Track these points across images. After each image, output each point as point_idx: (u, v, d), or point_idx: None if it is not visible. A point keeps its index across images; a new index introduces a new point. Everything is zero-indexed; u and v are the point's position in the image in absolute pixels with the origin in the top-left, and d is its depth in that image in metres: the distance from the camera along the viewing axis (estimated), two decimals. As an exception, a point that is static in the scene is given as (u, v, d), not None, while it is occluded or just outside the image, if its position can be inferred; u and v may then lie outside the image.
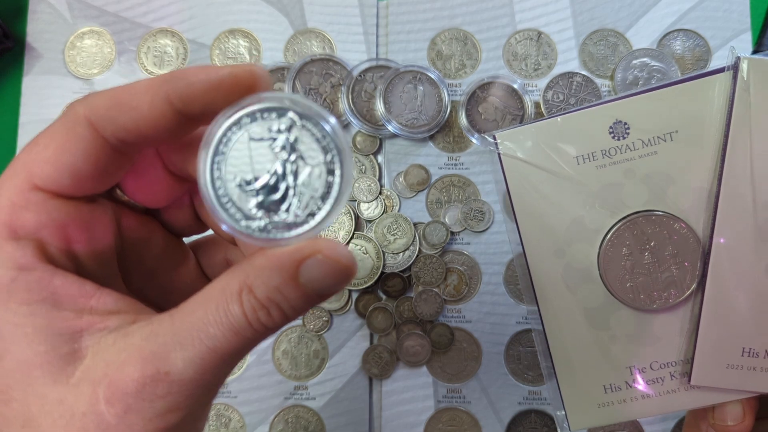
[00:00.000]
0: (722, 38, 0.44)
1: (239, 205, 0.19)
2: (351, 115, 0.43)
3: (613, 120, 0.28)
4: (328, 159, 0.19)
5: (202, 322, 0.19)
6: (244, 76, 0.19)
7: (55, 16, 0.47)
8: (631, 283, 0.28)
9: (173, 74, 0.20)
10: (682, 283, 0.28)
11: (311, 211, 0.19)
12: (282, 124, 0.19)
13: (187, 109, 0.20)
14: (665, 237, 0.28)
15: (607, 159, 0.28)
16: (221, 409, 0.43)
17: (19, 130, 0.45)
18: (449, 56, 0.45)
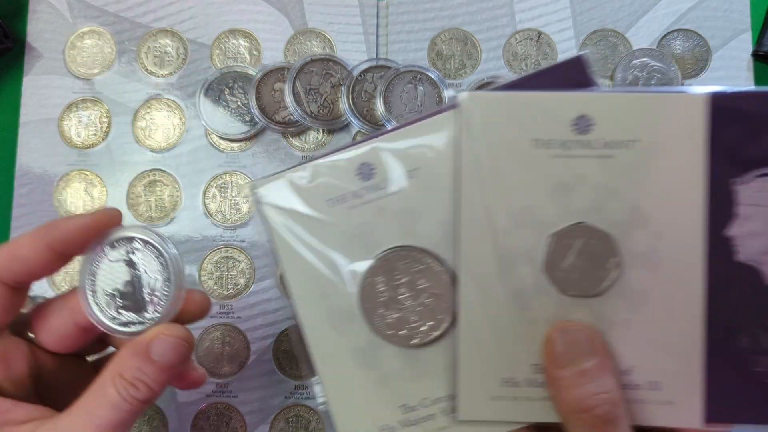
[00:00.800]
0: (722, 38, 0.44)
1: (107, 310, 0.28)
2: (351, 115, 0.44)
3: (360, 162, 0.29)
4: (165, 274, 0.28)
5: (89, 408, 0.26)
6: (103, 219, 0.28)
7: (55, 16, 0.47)
8: (390, 319, 0.29)
9: (48, 226, 0.28)
10: (438, 316, 0.28)
11: (156, 310, 0.28)
12: (130, 248, 0.28)
13: (64, 251, 0.28)
14: (416, 271, 0.29)
15: (357, 200, 0.29)
16: (221, 408, 0.43)
17: (19, 130, 0.46)
18: (449, 56, 0.45)
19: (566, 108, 0.28)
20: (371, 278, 0.29)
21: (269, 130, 0.45)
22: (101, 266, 0.28)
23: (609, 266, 0.28)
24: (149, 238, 0.28)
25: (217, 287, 0.44)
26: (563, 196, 0.28)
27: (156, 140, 0.45)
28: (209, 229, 0.44)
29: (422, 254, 0.29)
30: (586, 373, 0.26)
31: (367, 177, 0.29)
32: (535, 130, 0.28)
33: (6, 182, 0.45)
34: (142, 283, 0.28)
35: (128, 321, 0.28)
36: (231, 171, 0.45)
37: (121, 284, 0.28)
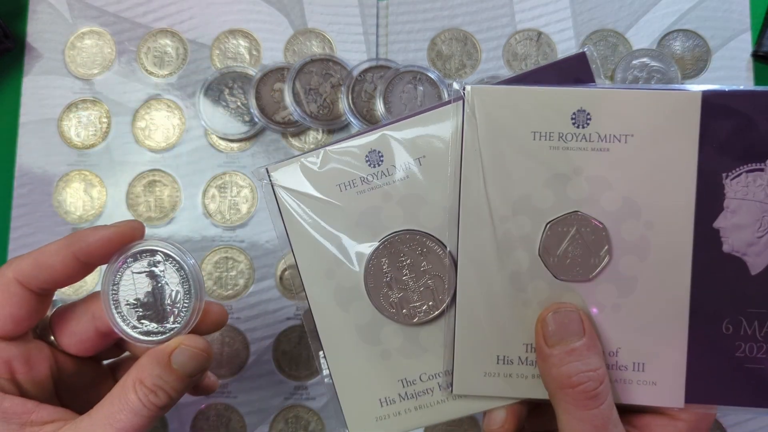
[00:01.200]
0: (722, 38, 0.44)
1: (129, 319, 0.29)
2: (351, 115, 0.43)
3: (369, 150, 0.31)
4: (185, 286, 0.29)
5: (110, 412, 0.27)
6: (127, 232, 0.29)
7: (55, 16, 0.47)
8: (393, 298, 0.30)
9: (74, 237, 0.29)
10: (438, 297, 0.30)
11: (176, 320, 0.29)
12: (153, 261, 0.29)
13: (88, 260, 0.29)
14: (419, 253, 0.30)
15: (365, 185, 0.31)
16: (221, 409, 0.43)
17: (19, 130, 0.46)
18: (449, 56, 0.45)
19: (565, 102, 0.29)
20: (376, 259, 0.30)
21: (269, 130, 0.45)
22: (124, 277, 0.29)
23: (601, 254, 0.29)
24: (170, 252, 0.29)
25: (217, 287, 0.44)
26: (560, 186, 0.29)
27: (155, 140, 0.45)
28: (209, 229, 0.44)
29: (425, 238, 0.30)
30: (574, 352, 0.27)
31: (375, 164, 0.31)
32: (535, 123, 0.29)
33: (6, 182, 0.45)
34: (164, 294, 0.29)
35: (149, 330, 0.29)
36: (231, 171, 0.45)
37: (143, 295, 0.29)
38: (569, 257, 0.29)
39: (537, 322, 0.29)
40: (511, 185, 0.29)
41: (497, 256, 0.30)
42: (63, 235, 0.45)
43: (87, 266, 0.29)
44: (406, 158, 0.31)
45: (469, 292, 0.30)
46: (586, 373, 0.27)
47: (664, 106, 0.29)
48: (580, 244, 0.29)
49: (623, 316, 0.29)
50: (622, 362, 0.29)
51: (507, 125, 0.29)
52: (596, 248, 0.29)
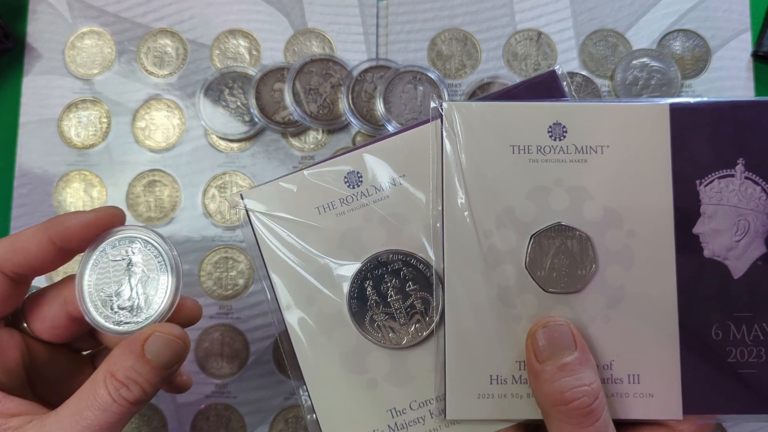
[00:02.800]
0: (722, 38, 0.44)
1: (102, 308, 0.28)
2: (351, 115, 0.43)
3: (348, 170, 0.30)
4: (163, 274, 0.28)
5: (77, 408, 0.25)
6: (106, 217, 0.28)
7: (55, 16, 0.47)
8: (379, 322, 0.30)
9: (52, 221, 0.28)
10: (426, 318, 0.30)
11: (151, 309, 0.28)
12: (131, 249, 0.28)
13: (65, 246, 0.28)
14: (404, 274, 0.30)
15: (345, 206, 0.30)
16: (221, 409, 0.43)
17: (19, 130, 0.46)
18: (449, 56, 0.45)
19: (542, 116, 0.30)
20: (359, 282, 0.30)
21: (269, 130, 0.45)
22: (100, 264, 0.28)
23: (587, 264, 0.29)
24: (150, 239, 0.29)
25: (217, 288, 0.44)
26: (542, 198, 0.30)
27: (155, 140, 0.45)
28: (208, 229, 0.44)
29: (409, 257, 0.30)
30: (566, 367, 0.26)
31: (354, 184, 0.30)
32: (513, 137, 0.30)
33: (6, 182, 0.45)
34: (140, 283, 0.28)
35: (123, 320, 0.28)
36: (230, 171, 0.45)
37: (119, 283, 0.28)
38: (556, 269, 0.29)
39: (527, 338, 0.28)
40: (494, 199, 0.30)
41: (484, 271, 0.29)
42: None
43: (64, 252, 0.28)
44: (385, 177, 0.30)
45: (457, 310, 0.29)
46: (580, 388, 0.26)
47: (636, 118, 0.30)
48: (566, 255, 0.29)
49: (614, 327, 0.29)
50: (617, 375, 0.29)
51: (486, 140, 0.30)
52: (582, 259, 0.29)
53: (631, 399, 0.29)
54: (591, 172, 0.30)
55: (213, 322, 0.43)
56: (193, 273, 0.44)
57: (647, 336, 0.29)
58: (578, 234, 0.29)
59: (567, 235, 0.29)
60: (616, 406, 0.29)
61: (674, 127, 0.30)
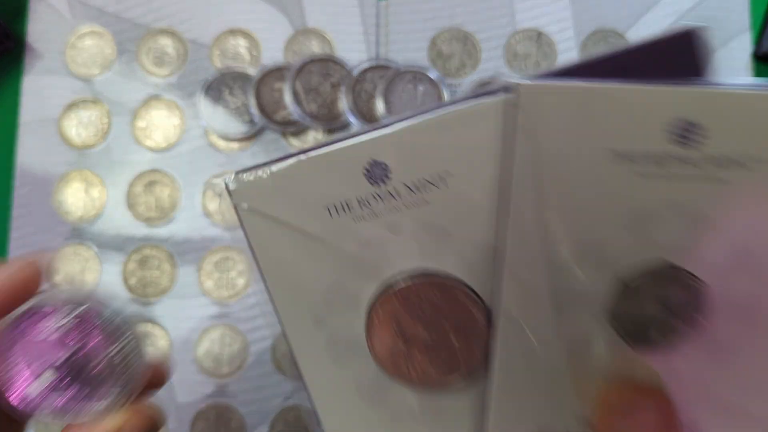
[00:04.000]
0: (722, 38, 0.44)
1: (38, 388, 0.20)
2: (351, 115, 0.43)
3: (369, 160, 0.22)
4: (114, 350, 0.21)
5: None
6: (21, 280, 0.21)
7: (55, 17, 0.47)
8: (404, 361, 0.23)
9: None
10: (466, 360, 0.23)
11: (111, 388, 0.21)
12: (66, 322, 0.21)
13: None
14: (442, 304, 0.23)
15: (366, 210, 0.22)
16: (221, 409, 0.43)
17: (19, 130, 0.46)
18: (449, 56, 0.45)
19: (665, 109, 0.21)
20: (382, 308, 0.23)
21: (269, 130, 0.45)
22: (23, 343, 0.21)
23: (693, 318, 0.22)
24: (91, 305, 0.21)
25: (217, 287, 0.44)
26: (645, 228, 0.22)
27: (155, 140, 0.45)
28: (208, 229, 0.44)
29: (450, 282, 0.23)
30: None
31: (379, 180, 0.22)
32: (616, 139, 0.21)
33: (6, 182, 0.45)
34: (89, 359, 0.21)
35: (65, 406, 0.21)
36: (231, 171, 0.45)
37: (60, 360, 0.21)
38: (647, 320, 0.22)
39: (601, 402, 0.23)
40: (579, 224, 0.22)
41: (552, 315, 0.22)
42: (63, 236, 0.45)
43: None
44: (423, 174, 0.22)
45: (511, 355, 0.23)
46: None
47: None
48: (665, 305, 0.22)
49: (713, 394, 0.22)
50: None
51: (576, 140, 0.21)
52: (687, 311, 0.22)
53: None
54: (729, 195, 0.21)
55: (213, 322, 0.43)
56: (192, 273, 0.44)
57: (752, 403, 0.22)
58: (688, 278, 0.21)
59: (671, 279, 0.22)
60: None
61: None
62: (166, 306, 0.44)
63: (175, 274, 0.44)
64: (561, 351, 0.22)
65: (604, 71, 0.21)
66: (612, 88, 0.20)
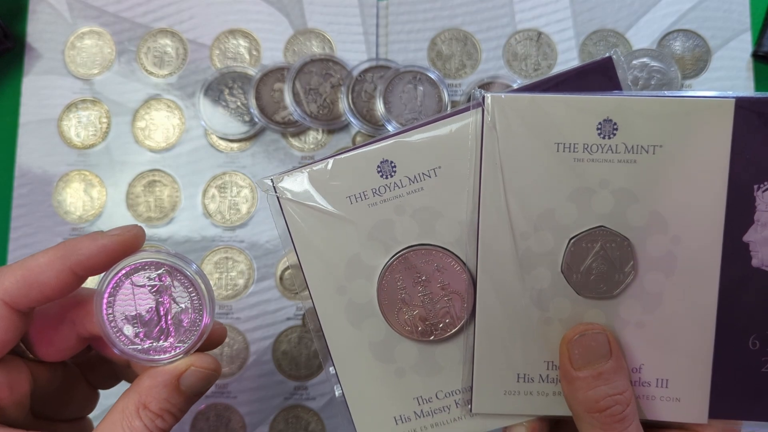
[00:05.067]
0: (722, 38, 0.44)
1: (126, 334, 0.26)
2: (351, 115, 0.43)
3: (381, 159, 0.29)
4: (195, 302, 0.27)
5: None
6: (128, 240, 0.26)
7: (55, 16, 0.47)
8: (408, 316, 0.29)
9: (68, 248, 0.26)
10: (455, 315, 0.29)
11: (181, 339, 0.27)
12: (157, 274, 0.27)
13: (87, 274, 0.26)
14: (435, 269, 0.29)
15: (377, 197, 0.29)
16: (221, 409, 0.43)
17: (19, 130, 0.46)
18: (449, 56, 0.45)
19: (592, 111, 0.28)
20: (390, 275, 0.29)
21: (269, 130, 0.45)
22: (122, 289, 0.27)
23: (626, 270, 0.28)
24: (179, 266, 0.27)
25: (217, 288, 0.44)
26: (584, 200, 0.28)
27: (155, 140, 0.45)
28: (208, 229, 0.44)
29: (442, 253, 0.29)
30: (601, 375, 0.27)
31: (387, 174, 0.29)
32: (559, 134, 0.28)
33: (6, 182, 0.45)
34: (168, 310, 0.27)
35: (149, 348, 0.27)
36: (230, 171, 0.45)
37: (145, 310, 0.27)
38: (593, 274, 0.28)
39: (562, 344, 0.28)
40: (534, 200, 0.28)
41: (518, 273, 0.28)
42: (63, 236, 0.45)
43: (83, 279, 0.27)
44: (420, 168, 0.29)
45: (488, 310, 0.29)
46: (614, 396, 0.26)
47: (696, 115, 0.28)
48: (604, 260, 0.28)
49: (647, 333, 0.29)
50: (645, 378, 0.29)
51: (529, 136, 0.28)
52: (621, 264, 0.28)
53: (657, 402, 0.29)
54: (640, 173, 0.28)
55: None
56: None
57: (681, 342, 0.29)
58: (619, 239, 0.28)
59: (608, 239, 0.28)
60: (643, 408, 0.29)
61: (737, 126, 0.27)
62: (166, 306, 0.44)
63: (175, 274, 0.44)
64: (528, 304, 0.29)
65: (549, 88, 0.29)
66: (558, 96, 0.28)
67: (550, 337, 0.29)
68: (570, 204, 0.28)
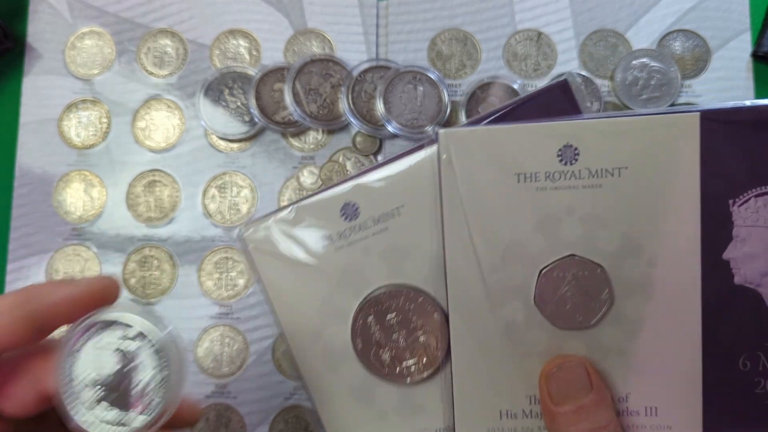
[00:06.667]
0: (722, 38, 0.44)
1: (88, 405, 0.23)
2: (351, 116, 0.43)
3: (343, 202, 0.29)
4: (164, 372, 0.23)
5: None
6: (97, 293, 0.23)
7: (55, 17, 0.47)
8: (384, 357, 0.29)
9: (31, 293, 0.23)
10: (431, 353, 0.29)
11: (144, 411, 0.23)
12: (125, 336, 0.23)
13: (47, 325, 0.23)
14: (407, 309, 0.29)
15: (343, 240, 0.29)
16: (221, 409, 0.43)
17: (19, 130, 0.46)
18: (449, 56, 0.45)
19: (550, 138, 0.27)
20: (362, 318, 0.29)
21: (269, 131, 0.45)
22: (85, 348, 0.23)
23: (602, 297, 0.27)
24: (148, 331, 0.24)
25: (217, 288, 0.44)
26: (551, 229, 0.27)
27: (155, 140, 0.45)
28: (209, 229, 0.44)
29: (412, 292, 0.29)
30: (582, 410, 0.26)
31: (351, 217, 0.29)
32: (518, 165, 0.27)
33: (6, 182, 0.45)
34: (133, 378, 0.23)
35: (107, 419, 0.23)
36: (231, 171, 0.45)
37: (107, 375, 0.23)
38: (568, 304, 0.27)
39: (540, 378, 0.27)
40: (499, 233, 0.28)
41: (489, 308, 0.28)
42: (63, 236, 0.45)
43: (44, 331, 0.23)
44: (383, 209, 0.29)
45: (463, 347, 0.28)
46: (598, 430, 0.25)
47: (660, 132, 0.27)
48: (578, 289, 0.27)
49: (631, 360, 0.27)
50: (632, 407, 0.28)
51: (488, 170, 0.27)
52: (596, 292, 0.27)
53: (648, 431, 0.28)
54: (606, 197, 0.27)
55: (213, 322, 0.43)
56: (193, 273, 0.44)
57: (667, 368, 0.27)
58: (592, 266, 0.27)
59: (579, 268, 0.27)
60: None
61: (705, 140, 0.26)
62: (166, 306, 0.44)
63: (175, 274, 0.44)
64: (504, 338, 0.28)
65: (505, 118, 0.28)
66: (512, 127, 0.27)
67: (529, 371, 0.28)
68: (537, 234, 0.28)
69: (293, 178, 0.44)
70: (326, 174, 0.44)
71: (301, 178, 0.44)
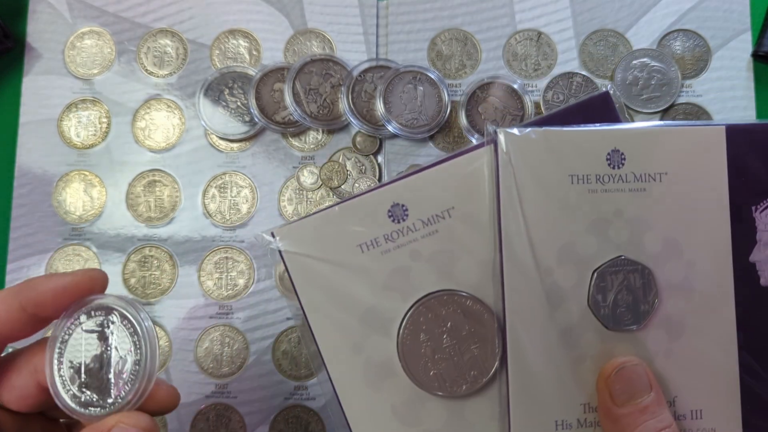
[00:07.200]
0: (722, 38, 0.44)
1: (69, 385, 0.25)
2: (351, 115, 0.43)
3: (391, 203, 0.27)
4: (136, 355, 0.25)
5: None
6: (84, 282, 0.25)
7: (55, 16, 0.47)
8: (434, 370, 0.27)
9: (23, 285, 0.25)
10: (485, 363, 0.27)
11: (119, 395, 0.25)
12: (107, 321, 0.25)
13: (38, 313, 0.25)
14: (460, 316, 0.27)
15: (390, 243, 0.27)
16: (221, 409, 0.43)
17: (19, 130, 0.46)
18: (449, 56, 0.45)
19: (600, 142, 0.28)
20: (411, 327, 0.27)
21: (269, 131, 0.45)
22: (74, 335, 0.25)
23: (650, 299, 0.28)
24: (128, 313, 0.25)
25: (217, 288, 0.44)
26: (602, 231, 0.28)
27: (155, 140, 0.45)
28: (209, 229, 0.44)
29: (464, 298, 0.27)
30: (647, 410, 0.25)
31: (399, 218, 0.28)
32: (572, 166, 0.28)
33: (6, 182, 0.45)
34: (111, 361, 0.25)
35: (89, 402, 0.25)
36: (231, 171, 0.45)
37: (89, 359, 0.25)
38: (620, 306, 0.28)
39: (599, 381, 0.27)
40: (555, 233, 0.27)
41: (548, 311, 0.27)
42: (63, 236, 0.45)
43: (37, 319, 0.25)
44: (433, 210, 0.28)
45: (521, 354, 0.27)
46: (663, 430, 0.25)
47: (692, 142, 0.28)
48: (628, 290, 0.28)
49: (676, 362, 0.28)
50: (680, 411, 0.28)
51: (544, 170, 0.28)
52: (645, 293, 0.28)
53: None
54: (650, 201, 0.28)
55: (213, 322, 0.43)
56: (193, 273, 0.44)
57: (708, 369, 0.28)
58: (640, 267, 0.28)
59: (629, 269, 0.28)
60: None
61: (730, 152, 0.28)
62: (166, 306, 0.44)
63: (175, 274, 0.44)
64: (559, 343, 0.27)
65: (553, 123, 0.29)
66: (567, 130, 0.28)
67: (583, 377, 0.27)
68: (589, 235, 0.28)
69: (293, 178, 0.44)
70: (326, 174, 0.44)
71: (301, 178, 0.44)
